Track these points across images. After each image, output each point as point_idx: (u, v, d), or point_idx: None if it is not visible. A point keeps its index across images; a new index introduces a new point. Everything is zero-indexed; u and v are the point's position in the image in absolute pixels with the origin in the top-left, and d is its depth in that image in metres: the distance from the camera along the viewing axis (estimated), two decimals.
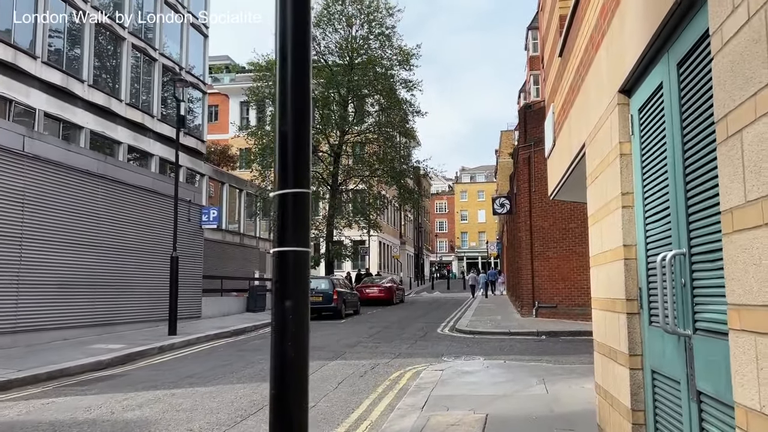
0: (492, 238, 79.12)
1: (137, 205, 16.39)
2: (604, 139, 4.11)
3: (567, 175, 6.22)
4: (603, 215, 4.19)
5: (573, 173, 5.98)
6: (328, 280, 21.26)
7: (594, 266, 4.65)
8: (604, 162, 4.09)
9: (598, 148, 4.33)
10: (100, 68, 23.89)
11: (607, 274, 4.07)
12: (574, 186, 6.60)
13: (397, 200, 35.08)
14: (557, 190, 7.24)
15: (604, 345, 4.30)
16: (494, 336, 15.48)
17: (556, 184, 7.02)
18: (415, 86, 32.69)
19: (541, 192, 19.36)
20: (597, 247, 4.49)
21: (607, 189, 4.04)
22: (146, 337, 14.14)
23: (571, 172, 5.97)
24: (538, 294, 19.36)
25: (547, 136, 7.57)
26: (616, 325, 3.83)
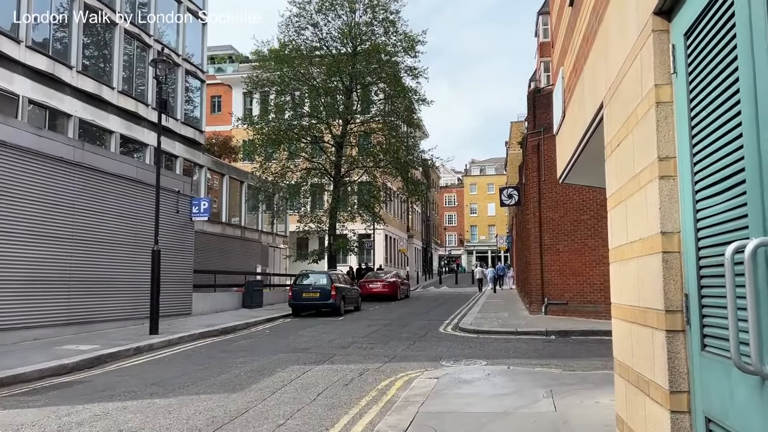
0: (502, 231, 77.82)
1: (120, 195, 15.42)
2: (630, 89, 3.01)
3: (579, 151, 5.11)
4: (629, 193, 3.09)
5: (587, 148, 4.87)
6: (326, 276, 20.23)
7: (616, 261, 3.55)
8: (631, 120, 2.99)
9: (621, 104, 3.23)
10: (90, 54, 22.93)
11: (636, 272, 2.98)
12: (587, 165, 5.50)
13: (402, 192, 33.93)
14: (567, 171, 6.13)
15: (629, 369, 3.21)
16: (500, 336, 14.39)
17: (567, 164, 5.91)
18: (421, 74, 31.50)
19: (551, 181, 18.20)
20: (620, 236, 3.39)
21: (635, 157, 2.94)
22: (125, 337, 13.18)
23: (585, 146, 4.86)
24: (547, 290, 18.22)
25: (556, 108, 6.46)
26: (648, 344, 2.75)
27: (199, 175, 30.09)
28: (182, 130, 28.25)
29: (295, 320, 18.85)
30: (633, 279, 3.05)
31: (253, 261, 33.61)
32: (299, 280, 20.52)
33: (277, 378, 8.83)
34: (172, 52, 27.55)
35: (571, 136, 5.41)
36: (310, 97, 30.88)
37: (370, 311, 22.09)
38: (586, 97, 4.44)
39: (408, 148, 32.19)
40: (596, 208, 17.04)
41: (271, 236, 38.35)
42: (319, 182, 32.64)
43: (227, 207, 32.69)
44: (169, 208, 17.58)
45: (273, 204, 32.76)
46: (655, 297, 2.62)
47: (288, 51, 30.41)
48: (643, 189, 2.78)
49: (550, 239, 18.18)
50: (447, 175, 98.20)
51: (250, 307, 22.03)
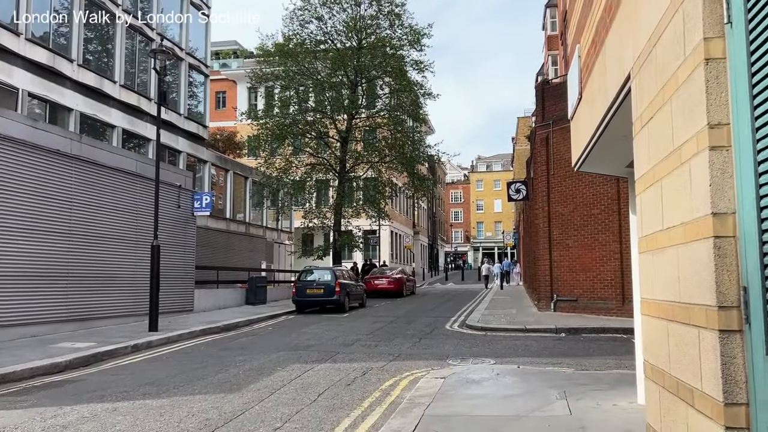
0: (509, 227, 77.27)
1: (120, 189, 15.08)
2: (667, 51, 2.60)
3: (599, 134, 4.69)
4: (665, 172, 2.69)
5: (608, 129, 4.46)
6: (330, 272, 19.85)
7: (647, 251, 3.15)
8: (669, 87, 2.59)
9: (654, 71, 2.83)
10: (91, 48, 22.62)
11: (675, 263, 2.58)
12: (607, 149, 5.08)
13: (408, 188, 33.48)
14: (584, 158, 5.71)
15: (665, 374, 2.80)
16: (508, 333, 13.98)
17: (583, 150, 5.49)
18: (427, 67, 30.99)
19: (561, 175, 17.77)
20: (652, 222, 2.99)
21: (674, 128, 2.54)
22: (124, 334, 12.85)
23: (605, 127, 4.45)
24: (556, 286, 17.78)
25: (571, 90, 6.04)
26: (693, 347, 2.35)
27: (202, 171, 29.78)
28: (185, 125, 27.93)
29: (299, 317, 18.49)
30: (671, 270, 2.65)
31: (257, 257, 33.30)
32: (303, 277, 20.16)
33: (276, 377, 8.46)
34: (175, 46, 27.23)
35: (590, 118, 5.00)
36: (315, 92, 30.48)
37: (375, 308, 21.71)
38: (609, 71, 4.03)
39: (414, 142, 31.73)
40: (607, 202, 16.60)
41: (276, 232, 38.02)
42: (324, 178, 32.23)
43: (231, 203, 32.38)
44: (170, 203, 17.25)
45: (278, 200, 32.38)
46: (702, 291, 2.22)
47: (292, 45, 30.00)
48: (686, 164, 2.38)
49: (560, 234, 17.73)
50: (453, 171, 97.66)
51: (253, 303, 21.69)
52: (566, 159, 17.63)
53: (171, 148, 26.89)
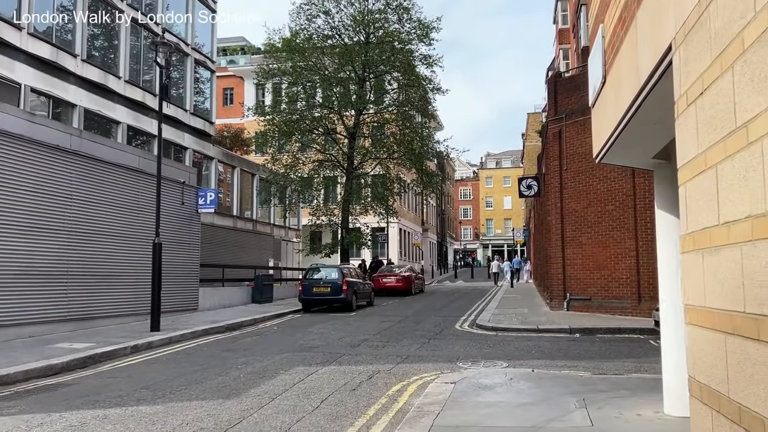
0: (518, 224, 76.65)
1: (121, 186, 14.74)
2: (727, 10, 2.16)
3: (626, 121, 4.25)
4: (724, 155, 2.26)
5: (638, 114, 4.01)
6: (337, 270, 19.44)
7: (695, 250, 2.71)
8: (730, 52, 2.15)
9: (707, 37, 2.39)
10: (95, 42, 22.33)
11: (737, 265, 2.15)
12: (634, 138, 4.63)
13: (417, 184, 33.01)
14: (607, 149, 5.25)
15: (721, 398, 2.36)
16: (520, 333, 13.52)
17: (607, 139, 5.03)
18: (436, 62, 30.49)
19: (574, 170, 17.27)
20: (704, 215, 2.55)
21: (738, 101, 2.11)
22: (125, 334, 12.51)
23: (635, 112, 4.00)
24: (569, 285, 17.29)
25: (593, 75, 5.58)
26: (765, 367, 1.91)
27: (209, 168, 29.47)
28: (191, 122, 27.61)
29: (305, 316, 18.12)
30: (730, 274, 2.21)
31: (265, 255, 32.97)
32: (309, 275, 19.77)
33: (278, 381, 8.06)
34: (181, 42, 26.88)
35: (616, 104, 4.54)
36: (322, 87, 30.05)
37: (383, 306, 21.31)
38: (642, 47, 3.58)
39: (422, 138, 31.27)
40: (622, 197, 16.08)
41: (284, 230, 37.69)
42: (331, 174, 31.81)
43: (239, 200, 32.05)
44: (173, 200, 16.90)
45: (285, 197, 32.02)
46: None
47: (300, 40, 29.59)
48: (756, 144, 1.94)
49: (573, 231, 17.24)
50: (462, 168, 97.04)
51: (259, 302, 21.34)
52: (580, 154, 17.15)
53: (177, 145, 26.59)
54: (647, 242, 15.46)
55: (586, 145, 16.98)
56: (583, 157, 17.06)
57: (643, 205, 15.54)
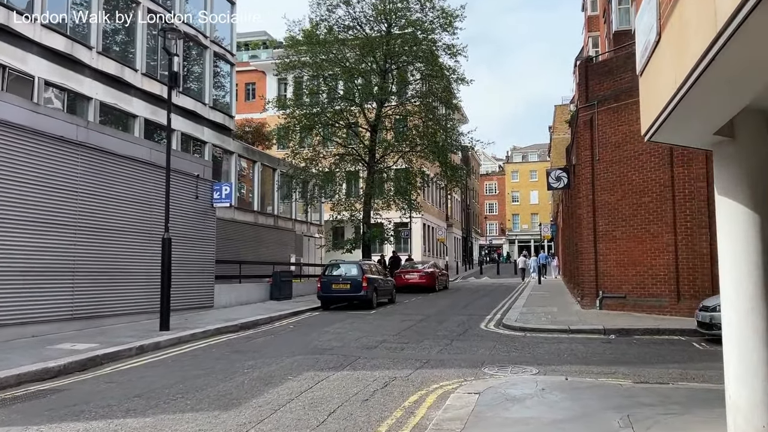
0: (545, 219, 75.08)
1: (132, 179, 14.21)
2: None
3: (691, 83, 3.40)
4: None
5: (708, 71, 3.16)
6: (357, 266, 18.71)
7: None
8: None
9: None
10: (111, 35, 21.92)
11: None
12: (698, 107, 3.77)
13: (440, 178, 32.10)
14: (661, 122, 4.39)
15: None
16: (550, 334, 12.64)
17: (662, 111, 4.18)
18: (460, 52, 29.54)
19: (607, 160, 16.26)
20: None
21: None
22: (133, 334, 11.96)
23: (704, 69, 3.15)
24: (602, 282, 16.31)
25: (641, 35, 4.71)
26: None
27: (229, 162, 28.99)
28: (211, 115, 27.13)
29: (324, 314, 17.44)
30: None
31: (286, 251, 32.48)
32: (329, 271, 19.09)
33: (284, 389, 7.35)
34: (199, 34, 26.44)
35: (675, 64, 3.70)
36: (344, 79, 29.29)
37: (405, 304, 20.53)
38: None
39: (446, 130, 30.36)
40: (659, 189, 15.04)
41: (306, 225, 37.16)
42: (353, 169, 31.06)
43: (259, 195, 31.57)
44: (187, 194, 16.36)
45: (307, 192, 31.41)
46: None
47: (320, 32, 28.88)
48: None
49: (606, 225, 16.24)
50: (487, 162, 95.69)
51: (278, 299, 20.74)
52: (613, 143, 16.14)
53: (196, 139, 26.14)
54: (687, 236, 14.43)
55: (620, 133, 15.98)
56: (617, 146, 16.05)
57: (683, 196, 14.50)
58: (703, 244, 14.16)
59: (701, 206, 14.23)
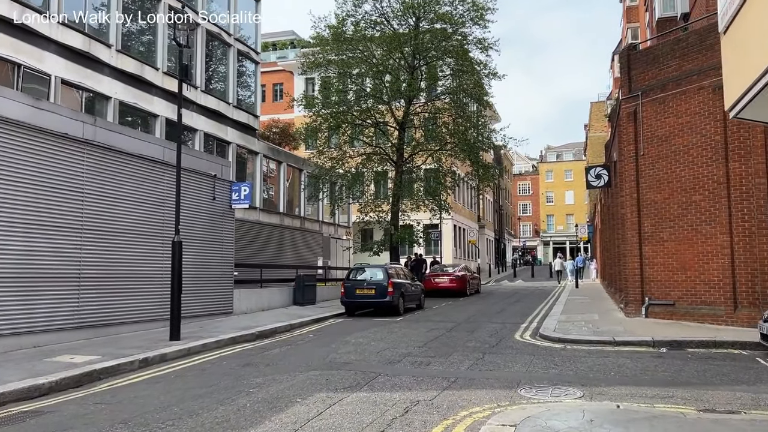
0: (581, 220, 73.00)
1: (143, 179, 13.50)
2: None
3: None
4: None
5: None
6: (382, 270, 17.71)
7: None
8: None
9: None
10: (130, 32, 21.40)
11: None
12: None
13: (471, 177, 30.86)
14: (754, 94, 3.28)
15: None
16: (593, 347, 11.45)
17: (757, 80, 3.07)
18: (491, 46, 28.30)
19: (653, 155, 14.96)
20: None
21: None
22: (140, 344, 11.20)
23: None
24: (648, 287, 15.00)
25: None
26: None
27: (254, 163, 28.35)
28: (235, 115, 26.53)
29: (347, 321, 16.50)
30: None
31: (313, 253, 31.71)
32: (352, 275, 18.13)
33: (289, 416, 6.40)
34: (223, 32, 25.87)
35: None
36: (371, 76, 28.31)
37: (434, 310, 19.47)
38: None
39: (477, 128, 29.16)
40: (712, 186, 13.68)
41: (333, 227, 36.37)
42: (381, 169, 30.03)
43: (285, 196, 30.87)
44: (204, 195, 15.62)
45: (334, 193, 30.57)
46: None
47: (346, 28, 27.97)
48: None
49: (652, 226, 14.92)
50: (520, 161, 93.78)
51: (301, 304, 19.91)
52: (659, 136, 14.83)
53: (220, 139, 25.53)
54: (744, 238, 13.05)
55: (667, 125, 14.67)
56: (664, 139, 14.74)
57: (740, 194, 13.12)
58: (764, 247, 12.77)
59: (761, 205, 12.85)
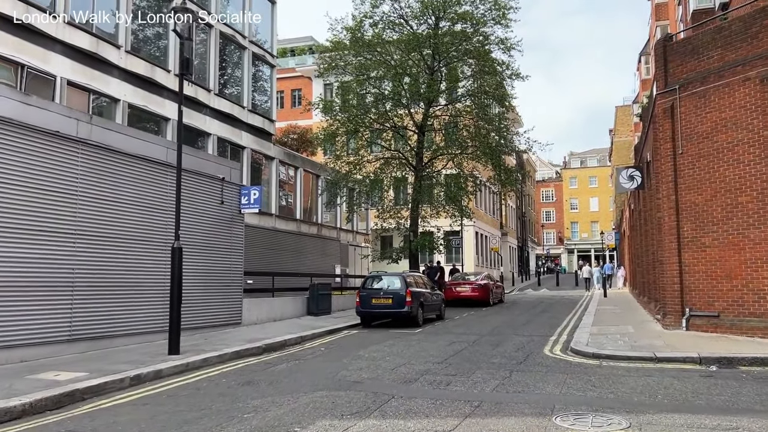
0: (606, 227, 71.18)
1: (144, 181, 12.71)
2: None
3: None
4: None
5: None
6: (399, 278, 16.68)
7: None
8: None
9: None
10: (140, 33, 20.79)
11: None
12: None
13: (493, 182, 29.69)
14: None
15: None
16: (632, 363, 10.30)
17: None
18: (514, 46, 27.23)
19: (693, 153, 13.77)
20: None
21: None
22: (135, 359, 10.34)
23: None
24: (688, 297, 13.76)
25: None
26: None
27: (269, 168, 27.60)
28: (249, 119, 25.80)
29: (362, 333, 15.50)
30: None
31: (331, 261, 30.85)
32: (368, 284, 17.12)
33: None
34: (237, 34, 25.23)
35: None
36: (389, 78, 27.38)
37: (455, 320, 18.38)
38: None
39: (499, 130, 28.05)
40: (760, 186, 12.46)
41: (352, 234, 35.49)
42: (400, 175, 29.02)
43: (301, 202, 30.06)
44: (210, 199, 14.79)
45: (353, 199, 29.67)
46: None
47: (364, 29, 27.11)
48: None
49: (692, 230, 13.71)
50: (544, 168, 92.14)
51: (315, 314, 18.96)
52: (699, 133, 13.65)
53: (234, 144, 24.81)
54: None
55: (708, 121, 13.48)
56: (705, 136, 13.55)
57: None
58: None
59: None
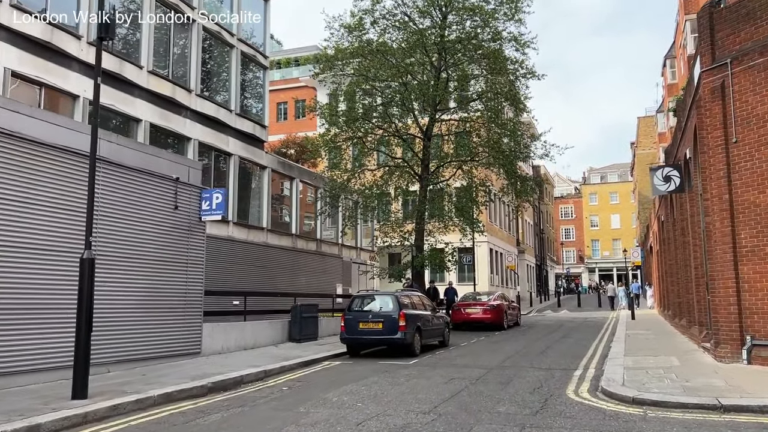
0: (629, 245, 67.69)
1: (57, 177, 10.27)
2: None
3: None
4: None
5: None
6: (392, 299, 13.93)
7: None
8: None
9: None
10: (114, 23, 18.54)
11: None
12: None
13: (507, 192, 26.98)
14: None
15: None
16: (688, 414, 7.49)
17: None
18: (528, 44, 24.68)
19: (751, 142, 11.04)
20: None
21: None
22: (24, 405, 7.80)
23: None
24: (750, 322, 10.92)
25: None
26: None
27: (260, 178, 25.17)
28: (237, 124, 23.46)
29: (345, 365, 12.79)
30: None
31: (332, 280, 28.16)
32: (356, 305, 14.36)
33: None
34: (224, 31, 23.03)
35: None
36: (392, 78, 24.93)
37: (461, 348, 15.62)
38: None
39: (513, 134, 25.37)
40: None
41: (355, 251, 32.88)
42: (405, 186, 26.42)
43: (298, 216, 27.57)
44: (161, 203, 12.31)
45: (355, 212, 27.12)
46: None
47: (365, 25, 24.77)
48: None
49: (753, 237, 10.92)
50: (562, 184, 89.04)
51: (297, 340, 16.28)
52: (760, 114, 10.93)
53: (219, 150, 22.42)
54: None
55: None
56: (767, 119, 10.83)
57: None
58: None
59: None
